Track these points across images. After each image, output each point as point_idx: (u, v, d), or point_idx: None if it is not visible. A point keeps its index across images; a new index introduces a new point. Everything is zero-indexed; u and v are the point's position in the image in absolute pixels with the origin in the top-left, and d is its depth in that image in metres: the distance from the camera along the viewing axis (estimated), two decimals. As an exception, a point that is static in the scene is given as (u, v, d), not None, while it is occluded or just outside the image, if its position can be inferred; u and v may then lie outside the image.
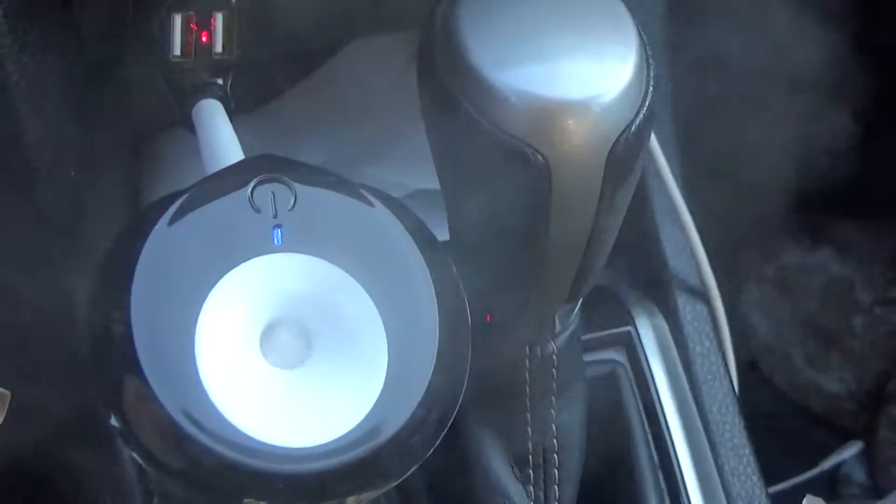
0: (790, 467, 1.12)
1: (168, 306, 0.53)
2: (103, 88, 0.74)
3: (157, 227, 0.55)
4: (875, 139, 1.20)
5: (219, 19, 0.69)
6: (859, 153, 1.18)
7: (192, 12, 0.68)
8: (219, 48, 0.69)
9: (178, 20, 0.68)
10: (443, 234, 0.64)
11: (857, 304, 1.22)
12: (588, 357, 0.79)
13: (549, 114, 0.58)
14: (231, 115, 0.67)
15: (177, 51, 0.69)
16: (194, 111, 0.68)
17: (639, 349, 0.83)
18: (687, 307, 0.85)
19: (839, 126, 1.19)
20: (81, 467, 0.73)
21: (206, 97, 0.68)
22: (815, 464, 1.16)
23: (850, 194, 1.16)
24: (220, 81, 0.69)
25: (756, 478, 0.82)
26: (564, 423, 0.72)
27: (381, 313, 0.55)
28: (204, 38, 0.69)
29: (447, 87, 0.59)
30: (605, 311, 0.83)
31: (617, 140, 0.59)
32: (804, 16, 1.05)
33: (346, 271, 0.56)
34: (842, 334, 1.22)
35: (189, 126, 0.68)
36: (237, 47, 0.70)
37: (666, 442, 0.81)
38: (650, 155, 0.82)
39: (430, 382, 0.55)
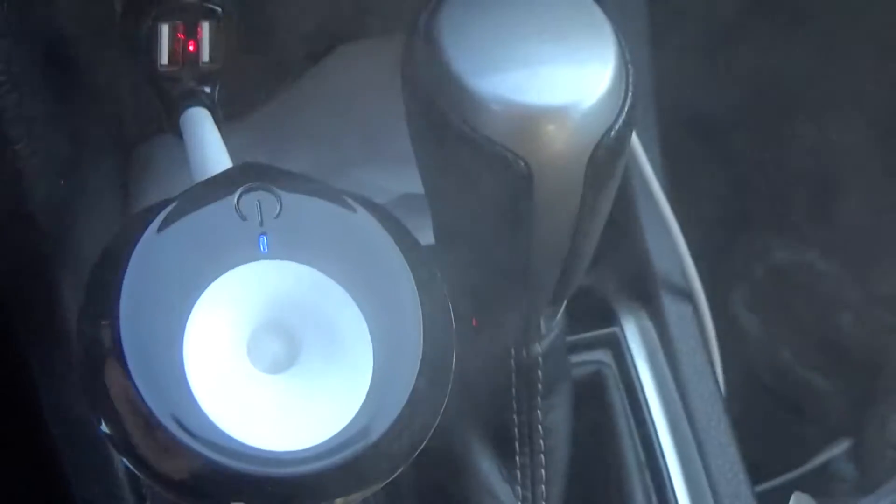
0: (779, 465, 1.12)
1: (156, 313, 0.54)
2: (92, 97, 0.75)
3: (145, 235, 0.56)
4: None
5: (205, 28, 0.69)
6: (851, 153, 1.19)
7: (179, 21, 0.69)
8: (206, 57, 0.70)
9: (165, 29, 0.69)
10: (427, 239, 0.65)
11: (845, 301, 1.22)
12: (574, 358, 0.79)
13: (529, 120, 0.58)
14: (219, 123, 0.68)
15: (164, 60, 0.69)
16: (182, 119, 0.68)
17: (624, 350, 0.84)
18: (672, 307, 0.86)
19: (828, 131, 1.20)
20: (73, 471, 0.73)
21: (193, 105, 0.69)
22: (804, 461, 1.16)
23: (838, 193, 1.17)
24: (207, 90, 0.70)
25: (742, 476, 0.82)
26: (551, 424, 0.72)
27: (366, 318, 0.56)
28: (191, 47, 0.69)
29: (429, 94, 0.60)
30: (591, 312, 0.84)
31: (597, 145, 0.60)
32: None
33: (332, 277, 0.56)
34: (830, 332, 1.22)
35: (177, 134, 0.68)
36: (224, 56, 0.70)
37: (652, 441, 0.81)
38: (633, 157, 0.82)
39: (415, 385, 0.55)
